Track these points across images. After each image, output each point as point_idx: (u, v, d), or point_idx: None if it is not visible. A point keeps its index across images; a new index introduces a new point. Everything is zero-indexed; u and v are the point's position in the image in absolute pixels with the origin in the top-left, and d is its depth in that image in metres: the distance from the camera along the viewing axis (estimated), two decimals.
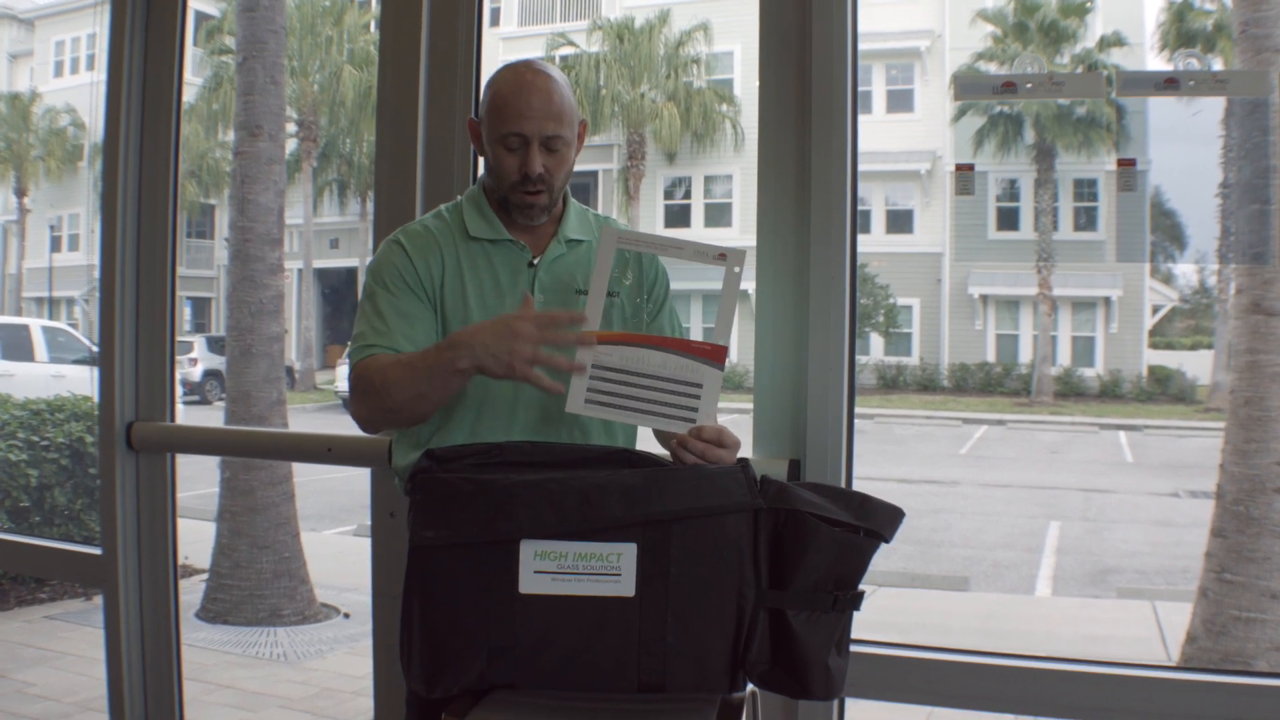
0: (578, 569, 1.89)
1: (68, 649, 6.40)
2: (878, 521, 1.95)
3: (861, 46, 2.69)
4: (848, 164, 2.63)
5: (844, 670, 1.98)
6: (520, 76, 2.20)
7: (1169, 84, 2.52)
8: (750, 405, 2.74)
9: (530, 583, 1.89)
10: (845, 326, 2.63)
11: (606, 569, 1.89)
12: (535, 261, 2.25)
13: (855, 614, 2.00)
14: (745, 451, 2.17)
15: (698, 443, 2.03)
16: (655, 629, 1.89)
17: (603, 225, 2.33)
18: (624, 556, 1.89)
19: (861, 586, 1.98)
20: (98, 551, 3.57)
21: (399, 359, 2.12)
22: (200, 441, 3.81)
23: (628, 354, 2.05)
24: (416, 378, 2.06)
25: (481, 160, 2.32)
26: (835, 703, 2.67)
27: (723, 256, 2.05)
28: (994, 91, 2.62)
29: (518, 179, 2.19)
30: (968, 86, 2.63)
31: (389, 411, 2.13)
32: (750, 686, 2.00)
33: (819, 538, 1.90)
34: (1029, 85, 2.61)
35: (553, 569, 1.89)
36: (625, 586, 1.89)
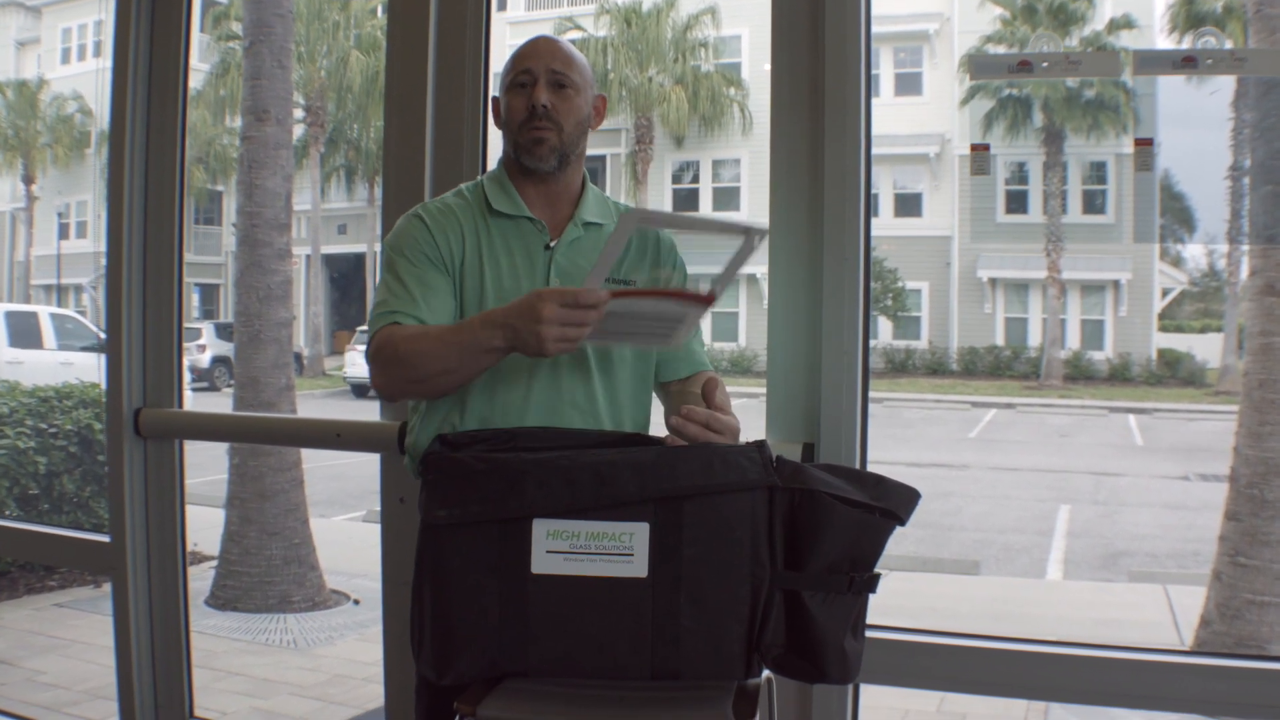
0: (590, 549, 1.86)
1: (77, 636, 6.40)
2: (893, 502, 1.92)
3: None
4: (861, 147, 2.60)
5: (860, 653, 1.95)
6: (534, 37, 2.30)
7: (1187, 62, 2.49)
8: (763, 389, 2.71)
9: (542, 563, 1.86)
10: (859, 309, 2.61)
11: (619, 549, 1.86)
12: (552, 244, 2.24)
13: (870, 597, 1.98)
14: (758, 435, 2.14)
15: (691, 426, 1.97)
16: (668, 610, 1.86)
17: (622, 211, 2.34)
18: (636, 536, 1.86)
19: (876, 569, 1.96)
20: (106, 539, 3.56)
21: (427, 331, 2.10)
22: (209, 428, 3.80)
23: (624, 302, 1.98)
24: (446, 353, 2.05)
25: (494, 143, 2.31)
26: (850, 688, 2.66)
27: (747, 231, 2.01)
28: (1009, 71, 2.59)
29: (525, 116, 2.21)
30: (983, 66, 2.60)
31: (413, 383, 2.12)
32: (765, 673, 1.98)
33: (835, 518, 1.87)
34: (1045, 65, 2.57)
35: (565, 549, 1.86)
36: (638, 567, 1.86)
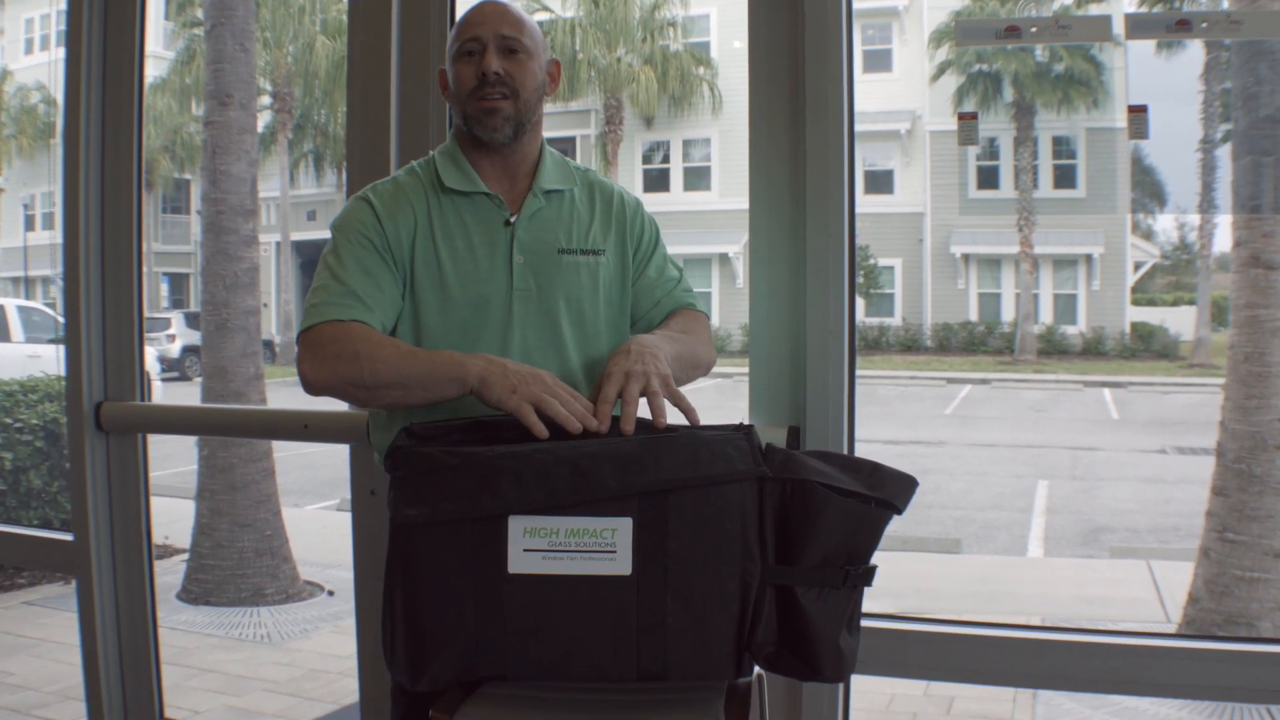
0: (570, 546, 1.76)
1: (47, 635, 6.28)
2: (890, 491, 1.84)
3: None
4: (845, 120, 2.51)
5: (855, 650, 1.87)
6: (480, 2, 2.18)
7: (1181, 26, 2.40)
8: (737, 369, 2.63)
9: (519, 562, 1.76)
10: (845, 287, 2.52)
11: (600, 545, 1.76)
12: (512, 220, 2.14)
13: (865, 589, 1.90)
14: (742, 418, 2.06)
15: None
16: (654, 610, 1.76)
17: (583, 174, 2.25)
18: (619, 532, 1.76)
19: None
20: (69, 537, 3.45)
21: (395, 341, 2.03)
22: (172, 421, 3.69)
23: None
24: (408, 367, 1.95)
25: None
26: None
27: None
28: (997, 36, 2.50)
29: (475, 84, 2.10)
30: (970, 31, 2.50)
31: (357, 386, 1.98)
32: (756, 670, 1.89)
33: (829, 509, 1.78)
34: (1033, 29, 2.49)
35: (543, 546, 1.76)
36: (621, 564, 1.76)
